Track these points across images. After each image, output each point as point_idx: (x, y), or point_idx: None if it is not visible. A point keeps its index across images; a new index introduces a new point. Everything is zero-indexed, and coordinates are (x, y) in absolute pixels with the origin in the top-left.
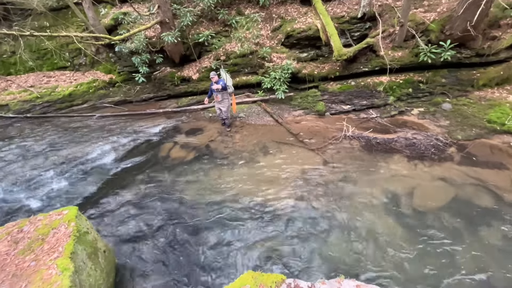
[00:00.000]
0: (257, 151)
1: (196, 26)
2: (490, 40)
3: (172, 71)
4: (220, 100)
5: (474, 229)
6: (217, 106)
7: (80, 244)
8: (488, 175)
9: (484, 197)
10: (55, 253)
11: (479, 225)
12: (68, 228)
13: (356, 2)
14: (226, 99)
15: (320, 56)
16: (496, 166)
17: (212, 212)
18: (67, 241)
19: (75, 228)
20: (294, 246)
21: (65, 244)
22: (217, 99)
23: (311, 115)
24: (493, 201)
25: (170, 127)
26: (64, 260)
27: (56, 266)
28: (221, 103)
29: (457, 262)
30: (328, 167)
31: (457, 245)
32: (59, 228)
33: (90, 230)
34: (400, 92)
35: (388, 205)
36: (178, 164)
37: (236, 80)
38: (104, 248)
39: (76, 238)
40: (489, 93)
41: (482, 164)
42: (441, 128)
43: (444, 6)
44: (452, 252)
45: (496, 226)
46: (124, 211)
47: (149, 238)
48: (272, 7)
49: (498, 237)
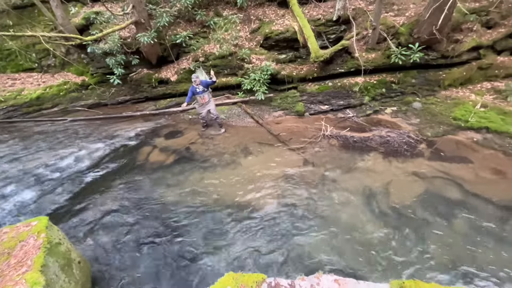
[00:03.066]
0: (238, 153)
1: (173, 27)
2: (453, 43)
3: (149, 73)
4: (207, 101)
5: (443, 219)
6: (203, 109)
7: (52, 256)
8: (455, 169)
9: (451, 189)
10: (23, 267)
11: (448, 216)
12: (38, 240)
13: (331, 5)
14: (211, 99)
15: (298, 57)
16: (461, 161)
17: (194, 215)
18: (36, 253)
19: (46, 239)
20: (276, 245)
21: (34, 257)
22: (203, 101)
23: (291, 116)
24: (459, 193)
25: (148, 130)
26: (33, 274)
27: (24, 282)
28: (208, 104)
29: (429, 251)
30: (308, 166)
31: (429, 235)
32: (28, 240)
33: (63, 240)
34: (375, 92)
35: (366, 201)
36: (158, 168)
37: None
38: (78, 259)
39: (47, 250)
40: (454, 92)
41: (449, 159)
42: (412, 126)
43: (412, 10)
44: (425, 242)
45: (462, 216)
46: (100, 219)
47: (127, 246)
48: (250, 9)
49: (464, 226)
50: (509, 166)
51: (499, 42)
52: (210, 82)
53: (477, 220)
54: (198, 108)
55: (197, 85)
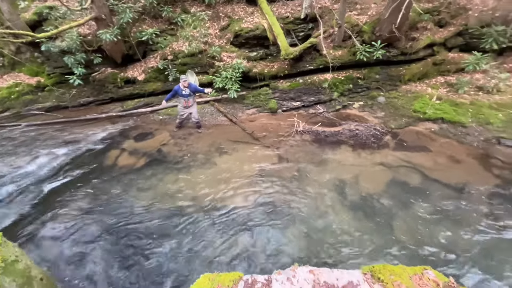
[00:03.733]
0: (212, 152)
1: (138, 23)
2: (411, 40)
3: (114, 72)
4: (191, 104)
5: (408, 205)
6: (185, 111)
7: (8, 275)
8: (416, 157)
9: (414, 176)
10: None
11: (412, 201)
12: None
13: (298, 3)
14: (195, 103)
15: (269, 55)
16: (421, 149)
17: (169, 219)
18: None
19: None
20: (254, 242)
21: None
22: (187, 104)
23: (264, 113)
24: (421, 179)
25: (115, 133)
26: None
27: None
28: (191, 107)
29: (397, 235)
30: (283, 162)
31: (396, 221)
32: None
33: (21, 257)
34: (343, 88)
35: (338, 192)
36: (128, 172)
37: None
38: (40, 276)
39: (2, 269)
40: (413, 87)
41: (411, 148)
42: (378, 119)
43: (373, 10)
44: (392, 227)
45: (424, 201)
46: (64, 231)
47: (96, 258)
48: (219, 6)
49: (426, 209)
50: (462, 152)
51: (449, 40)
52: (200, 89)
53: (437, 203)
54: (179, 109)
55: (184, 87)
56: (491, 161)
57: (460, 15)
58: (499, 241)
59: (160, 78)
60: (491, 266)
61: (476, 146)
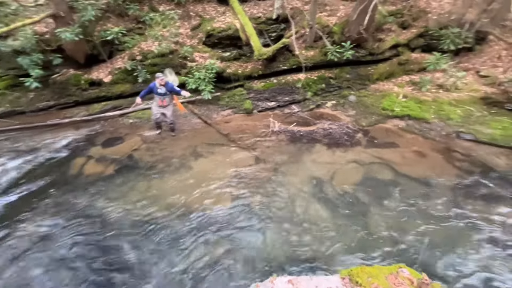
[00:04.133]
0: (188, 156)
1: (103, 21)
2: (377, 41)
3: (77, 74)
4: (166, 104)
5: (380, 200)
6: (159, 110)
7: None
8: (386, 154)
9: (385, 172)
10: None
11: (384, 196)
12: None
13: (270, 4)
14: (171, 103)
15: (242, 55)
16: (391, 146)
17: (142, 228)
18: None
19: None
20: (233, 249)
21: None
22: (162, 103)
23: (240, 114)
24: (391, 175)
25: (80, 139)
26: None
27: None
28: (167, 107)
29: (372, 230)
30: (260, 163)
31: (370, 217)
32: None
33: None
34: (316, 88)
35: (315, 191)
36: (95, 181)
37: None
38: None
39: None
40: (381, 86)
41: (381, 145)
42: (350, 118)
43: (342, 11)
44: (366, 221)
45: (395, 195)
46: (22, 249)
47: (61, 276)
48: (189, 5)
49: (397, 203)
50: (426, 147)
51: (412, 41)
52: (177, 90)
53: (407, 197)
54: (153, 108)
55: (160, 85)
56: (452, 154)
57: (420, 17)
58: (463, 230)
59: (128, 79)
60: (456, 254)
61: (439, 140)
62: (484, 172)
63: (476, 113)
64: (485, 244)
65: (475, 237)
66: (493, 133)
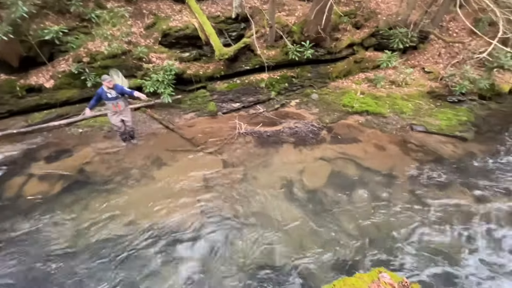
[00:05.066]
0: (149, 165)
1: (39, 19)
2: (335, 41)
3: (11, 79)
4: (122, 109)
5: (348, 195)
6: (117, 118)
7: None
8: (349, 149)
9: (350, 167)
10: None
11: (350, 191)
12: None
13: (228, 3)
14: (127, 106)
15: (203, 55)
16: (353, 141)
17: (100, 252)
18: None
19: None
20: (204, 264)
21: None
22: (117, 109)
23: (204, 117)
24: (356, 169)
25: (17, 154)
26: None
27: None
28: (123, 112)
29: (342, 226)
30: (227, 168)
31: (339, 213)
32: None
33: None
34: (279, 87)
35: (285, 191)
36: (39, 202)
37: None
38: None
39: None
40: (341, 83)
41: (344, 140)
42: (314, 115)
43: (300, 11)
44: (338, 220)
45: (360, 189)
46: None
47: None
48: (141, 2)
49: (363, 197)
50: (385, 140)
51: (366, 40)
52: (128, 92)
53: (371, 190)
54: (110, 117)
55: (109, 88)
56: (408, 146)
57: (372, 18)
58: (424, 219)
59: (75, 84)
60: (420, 245)
61: (395, 133)
62: (436, 160)
63: (425, 106)
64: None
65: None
66: (440, 124)
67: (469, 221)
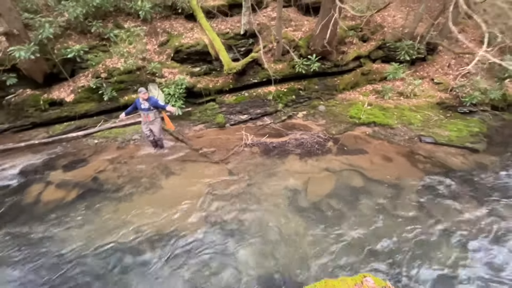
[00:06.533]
0: (158, 174)
1: (63, 39)
2: (341, 54)
3: (35, 94)
4: (151, 120)
5: (352, 205)
6: (146, 127)
7: None
8: (356, 160)
9: (355, 178)
10: None
11: (355, 202)
12: None
13: (237, 20)
14: (157, 118)
15: (212, 70)
16: (360, 152)
17: (109, 258)
18: None
19: None
20: (209, 271)
21: None
22: (147, 119)
23: (212, 128)
24: (361, 180)
25: (38, 163)
26: None
27: None
28: (153, 123)
29: (345, 236)
30: (233, 177)
31: (340, 223)
32: None
33: None
34: (286, 99)
35: (290, 202)
36: (55, 208)
37: (125, 99)
38: None
39: None
40: (348, 95)
41: (351, 152)
42: (320, 127)
43: (306, 26)
44: (342, 228)
45: (365, 200)
46: None
47: None
48: (156, 22)
49: (367, 208)
50: (392, 151)
51: (372, 53)
52: (161, 105)
53: (376, 201)
54: (142, 125)
55: (143, 99)
56: (416, 157)
57: (378, 31)
58: (429, 233)
59: (93, 98)
60: (423, 257)
61: (403, 144)
62: (444, 172)
63: (434, 117)
64: (453, 246)
65: (441, 240)
66: (449, 135)
67: (477, 235)
